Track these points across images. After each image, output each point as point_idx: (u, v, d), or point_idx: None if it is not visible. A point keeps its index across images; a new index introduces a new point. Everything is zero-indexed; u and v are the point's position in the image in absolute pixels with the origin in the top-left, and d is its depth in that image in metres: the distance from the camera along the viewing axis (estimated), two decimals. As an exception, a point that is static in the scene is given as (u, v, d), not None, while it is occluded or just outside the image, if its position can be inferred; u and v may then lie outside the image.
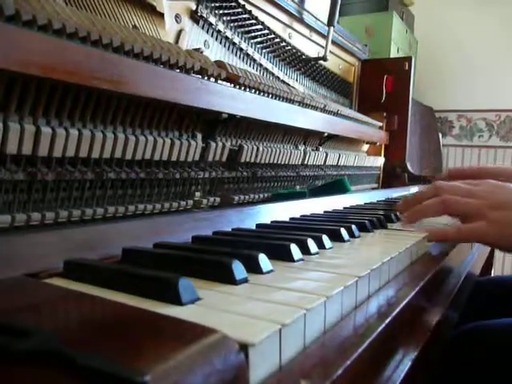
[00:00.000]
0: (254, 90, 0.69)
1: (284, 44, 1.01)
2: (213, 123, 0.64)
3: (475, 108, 2.52)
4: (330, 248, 0.49)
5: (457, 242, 0.66)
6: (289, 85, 1.00)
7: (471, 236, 0.60)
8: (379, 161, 1.35)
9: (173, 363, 0.19)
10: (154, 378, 0.17)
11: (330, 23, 1.12)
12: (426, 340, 0.41)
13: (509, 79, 2.42)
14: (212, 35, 0.77)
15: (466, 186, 0.63)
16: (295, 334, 0.27)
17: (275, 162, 0.77)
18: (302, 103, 0.84)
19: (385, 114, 1.37)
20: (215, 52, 0.78)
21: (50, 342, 0.20)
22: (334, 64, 1.28)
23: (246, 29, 0.86)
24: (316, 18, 1.11)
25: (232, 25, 0.82)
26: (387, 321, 0.34)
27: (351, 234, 0.57)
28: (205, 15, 0.74)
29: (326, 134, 1.00)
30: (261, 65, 0.92)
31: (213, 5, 0.77)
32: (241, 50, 0.85)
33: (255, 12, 0.88)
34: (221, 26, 0.79)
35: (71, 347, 0.19)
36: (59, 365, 0.19)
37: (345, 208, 0.89)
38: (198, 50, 0.69)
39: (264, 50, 0.93)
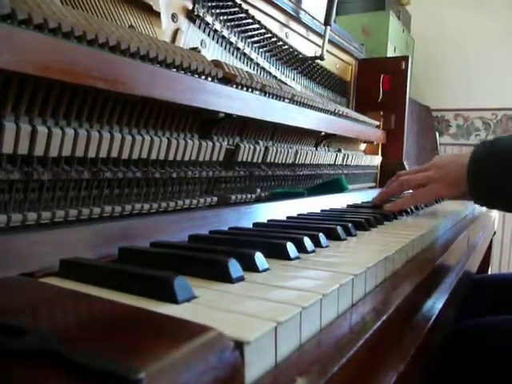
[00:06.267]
0: (250, 90, 0.69)
1: (281, 43, 1.01)
2: (210, 122, 0.64)
3: (472, 107, 2.52)
4: (327, 246, 0.50)
5: (412, 204, 0.86)
6: (286, 84, 1.00)
7: (426, 196, 0.81)
8: (376, 160, 1.35)
9: (168, 361, 0.19)
10: (149, 375, 0.17)
11: (326, 22, 1.12)
12: (423, 338, 0.41)
13: (505, 78, 2.43)
14: (209, 35, 0.77)
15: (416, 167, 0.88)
16: (291, 332, 0.27)
17: (272, 161, 0.77)
18: (300, 102, 0.84)
19: (382, 113, 1.37)
20: (212, 51, 0.78)
21: (45, 340, 0.20)
22: (331, 63, 1.28)
23: (243, 28, 0.86)
24: (313, 18, 1.11)
25: (229, 24, 0.82)
26: (383, 318, 0.34)
27: (348, 233, 0.57)
28: (201, 14, 0.74)
29: (323, 133, 1.00)
30: (258, 64, 0.91)
31: (209, 4, 0.77)
32: (237, 49, 0.85)
33: (252, 11, 0.88)
34: (217, 26, 0.78)
35: (67, 346, 0.20)
36: (55, 363, 0.19)
37: (342, 207, 0.89)
38: (194, 49, 0.69)
39: (261, 50, 0.93)
